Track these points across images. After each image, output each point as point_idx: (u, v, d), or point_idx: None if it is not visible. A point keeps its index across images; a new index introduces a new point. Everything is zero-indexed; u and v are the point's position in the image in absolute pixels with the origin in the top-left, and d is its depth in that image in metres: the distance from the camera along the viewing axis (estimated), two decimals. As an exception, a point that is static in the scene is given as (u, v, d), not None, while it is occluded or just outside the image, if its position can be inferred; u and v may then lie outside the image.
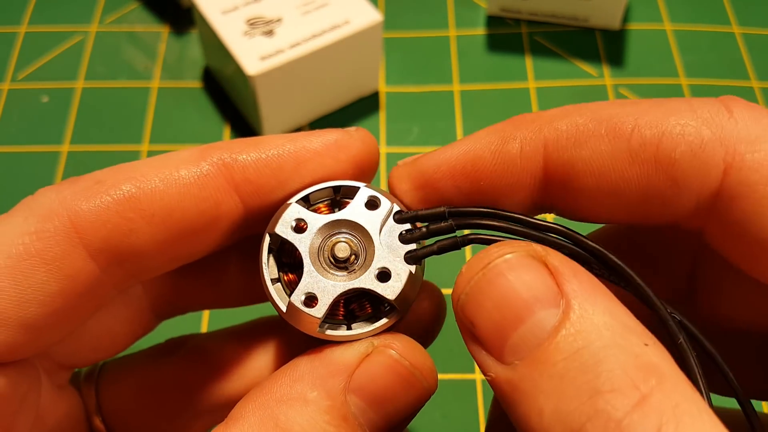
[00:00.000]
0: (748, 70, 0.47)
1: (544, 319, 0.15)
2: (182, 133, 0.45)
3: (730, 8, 0.50)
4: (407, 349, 0.18)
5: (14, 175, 0.43)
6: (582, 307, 0.15)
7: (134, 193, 0.18)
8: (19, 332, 0.17)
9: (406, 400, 0.18)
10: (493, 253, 0.16)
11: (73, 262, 0.17)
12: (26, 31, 0.49)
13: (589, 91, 0.46)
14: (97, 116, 0.45)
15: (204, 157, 0.19)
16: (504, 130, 0.19)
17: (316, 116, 0.45)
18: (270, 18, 0.41)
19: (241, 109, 0.44)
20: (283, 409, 0.17)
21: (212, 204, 0.18)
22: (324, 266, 0.19)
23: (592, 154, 0.17)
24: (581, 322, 0.15)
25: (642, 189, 0.17)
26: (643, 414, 0.13)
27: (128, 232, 0.18)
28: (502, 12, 0.50)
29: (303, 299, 0.18)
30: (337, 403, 0.17)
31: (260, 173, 0.19)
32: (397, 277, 0.18)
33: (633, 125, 0.17)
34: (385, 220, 0.19)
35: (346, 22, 0.41)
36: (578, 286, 0.15)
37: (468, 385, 0.36)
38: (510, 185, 0.18)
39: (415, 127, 0.45)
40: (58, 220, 0.17)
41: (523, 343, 0.15)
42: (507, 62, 0.48)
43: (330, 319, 0.19)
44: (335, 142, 0.19)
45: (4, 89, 0.46)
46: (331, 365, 0.17)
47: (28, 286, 0.17)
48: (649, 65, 0.48)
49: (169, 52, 0.48)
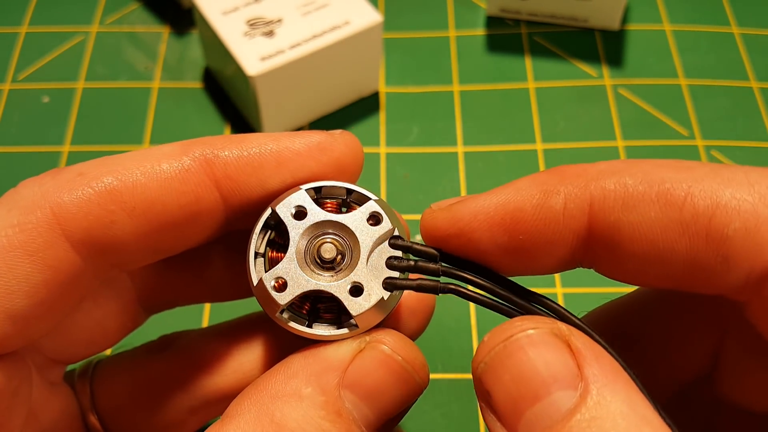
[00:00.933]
0: (747, 70, 0.48)
1: (560, 400, 0.15)
2: (183, 134, 0.45)
3: (729, 9, 0.51)
4: (399, 345, 0.18)
5: (15, 175, 0.43)
6: (600, 392, 0.15)
7: (116, 186, 0.18)
8: (6, 324, 0.17)
9: (399, 395, 0.18)
10: (516, 326, 0.16)
11: (56, 253, 0.17)
12: (27, 31, 0.49)
13: (588, 92, 0.47)
14: (97, 116, 0.45)
15: (186, 151, 0.19)
16: (547, 182, 0.18)
17: (316, 116, 0.45)
18: (270, 19, 0.42)
19: (242, 110, 0.45)
20: (278, 405, 0.17)
21: (192, 198, 0.19)
22: (307, 260, 0.19)
23: (640, 220, 0.16)
24: (597, 408, 0.14)
25: (690, 260, 0.16)
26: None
27: (109, 224, 0.18)
28: (502, 12, 0.50)
29: (274, 282, 0.18)
30: (331, 399, 0.17)
31: (241, 170, 0.19)
32: (367, 297, 0.18)
33: (686, 193, 0.16)
34: (381, 240, 0.19)
35: (346, 22, 0.41)
36: (599, 370, 0.15)
37: (468, 385, 0.36)
38: (550, 242, 0.18)
39: (415, 128, 0.45)
40: (41, 212, 0.17)
41: (537, 422, 0.15)
42: (507, 63, 0.48)
43: (294, 310, 0.19)
44: (317, 144, 0.19)
45: (5, 89, 0.46)
46: (324, 361, 0.18)
47: (13, 277, 0.17)
48: (649, 66, 0.48)
49: (170, 53, 0.48)
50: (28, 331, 0.18)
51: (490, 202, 0.18)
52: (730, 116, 0.45)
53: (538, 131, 0.45)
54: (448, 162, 0.44)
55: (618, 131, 0.45)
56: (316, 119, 0.45)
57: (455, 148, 0.44)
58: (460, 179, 0.43)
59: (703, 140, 0.44)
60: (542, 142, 0.44)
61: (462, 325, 0.38)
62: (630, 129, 0.45)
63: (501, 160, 0.44)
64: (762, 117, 0.45)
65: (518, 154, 0.44)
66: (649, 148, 0.44)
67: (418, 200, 0.42)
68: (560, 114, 0.46)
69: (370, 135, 0.45)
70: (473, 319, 0.38)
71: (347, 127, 0.45)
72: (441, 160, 0.44)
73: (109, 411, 0.23)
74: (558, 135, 0.45)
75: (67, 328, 0.21)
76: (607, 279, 0.19)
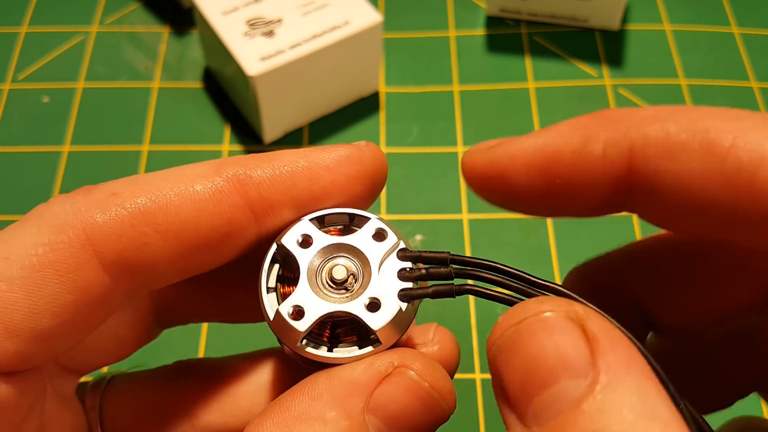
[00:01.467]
0: (747, 70, 0.48)
1: (568, 389, 0.14)
2: (183, 134, 0.45)
3: (729, 9, 0.51)
4: (427, 370, 0.18)
5: (15, 175, 0.43)
6: (610, 383, 0.14)
7: (149, 207, 0.18)
8: (31, 343, 0.17)
9: (424, 422, 0.18)
10: (530, 308, 0.16)
11: (86, 274, 0.17)
12: (27, 31, 0.49)
13: (588, 92, 0.47)
14: (97, 116, 0.45)
15: (219, 172, 0.18)
16: (587, 127, 0.17)
17: (316, 116, 0.45)
18: (270, 19, 0.42)
19: (242, 110, 0.45)
20: (301, 428, 0.16)
21: (226, 220, 0.18)
22: (320, 285, 0.19)
23: (681, 169, 0.16)
24: (604, 400, 0.14)
25: (732, 213, 0.16)
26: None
27: (142, 246, 0.17)
28: (502, 12, 0.50)
29: (291, 311, 0.18)
30: (355, 424, 0.17)
31: (274, 190, 0.19)
32: (386, 310, 0.18)
33: (730, 144, 0.15)
34: (388, 254, 0.19)
35: (346, 22, 0.41)
36: (613, 358, 0.14)
37: (468, 385, 0.36)
38: (588, 187, 0.18)
39: (415, 127, 0.45)
40: (73, 232, 0.17)
41: (544, 409, 0.15)
42: (507, 62, 0.48)
43: (313, 337, 0.19)
44: (347, 158, 0.19)
45: (5, 89, 0.46)
46: (350, 385, 0.17)
47: (41, 297, 0.16)
48: (649, 65, 0.48)
49: (170, 53, 0.48)
50: (52, 349, 0.17)
51: (528, 145, 0.18)
52: (730, 116, 0.45)
53: (538, 131, 0.45)
54: (448, 162, 0.44)
55: (618, 131, 0.45)
56: (316, 119, 0.45)
57: (455, 148, 0.44)
58: (460, 179, 0.43)
59: (703, 140, 0.44)
60: (542, 142, 0.44)
61: (462, 325, 0.38)
62: (630, 129, 0.45)
63: (501, 160, 0.44)
64: (762, 117, 0.45)
65: (518, 154, 0.44)
66: (649, 148, 0.44)
67: (418, 200, 0.42)
68: (560, 114, 0.46)
69: (370, 135, 0.45)
70: (473, 319, 0.38)
71: (347, 128, 0.45)
72: (441, 160, 0.44)
73: (116, 430, 0.23)
74: (558, 135, 0.45)
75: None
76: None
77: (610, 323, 0.15)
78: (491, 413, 0.35)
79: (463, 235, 0.41)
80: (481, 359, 0.37)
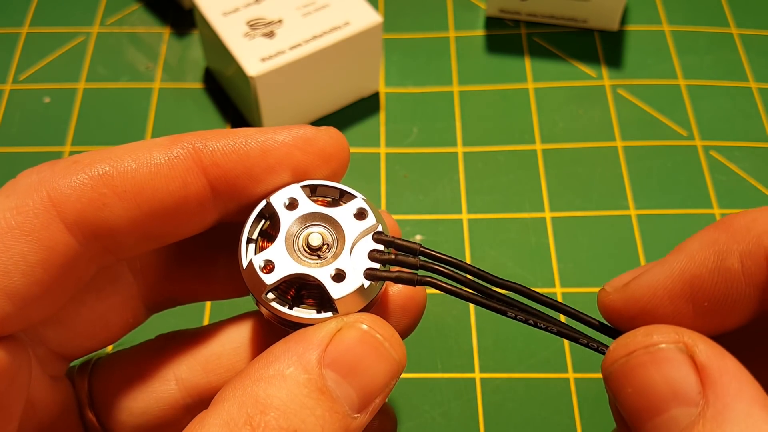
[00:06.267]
0: (746, 71, 0.48)
1: (679, 416, 0.15)
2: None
3: (728, 9, 0.51)
4: (376, 324, 0.19)
5: (15, 175, 0.43)
6: (720, 411, 0.15)
7: (108, 171, 0.19)
8: (5, 302, 0.17)
9: (379, 371, 0.19)
10: (639, 341, 0.16)
11: (51, 234, 0.18)
12: (28, 32, 0.49)
13: (587, 92, 0.47)
14: (98, 117, 0.46)
15: (176, 142, 0.20)
16: (718, 242, 0.18)
17: (317, 117, 0.45)
18: (270, 19, 0.42)
19: (242, 110, 0.45)
20: (262, 387, 0.17)
21: (181, 184, 0.19)
22: (295, 247, 0.20)
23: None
24: (714, 428, 0.14)
25: None
26: None
27: (102, 207, 0.19)
28: (501, 13, 0.50)
29: (262, 264, 0.19)
30: (313, 376, 0.17)
31: (227, 158, 0.20)
32: (349, 283, 0.19)
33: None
34: (365, 234, 0.20)
35: (346, 23, 0.41)
36: (721, 386, 0.15)
37: (468, 385, 0.36)
38: (736, 301, 0.18)
39: (415, 128, 0.45)
40: (37, 195, 0.18)
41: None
42: (506, 63, 0.48)
43: (279, 293, 0.20)
44: (302, 135, 0.20)
45: (6, 90, 0.46)
46: (304, 341, 0.18)
47: (9, 257, 0.17)
48: (648, 66, 0.48)
49: (171, 54, 0.48)
50: (27, 311, 0.18)
51: (665, 275, 0.18)
52: (729, 117, 0.46)
53: (537, 131, 0.45)
54: (448, 162, 0.44)
55: (617, 132, 0.45)
56: (316, 119, 0.45)
57: (455, 148, 0.44)
58: (459, 179, 0.43)
59: (702, 141, 0.44)
60: (542, 142, 0.44)
61: (462, 325, 0.38)
62: (629, 129, 0.45)
63: (501, 160, 0.44)
64: (761, 117, 0.46)
65: (518, 154, 0.44)
66: (648, 149, 0.44)
67: (418, 200, 0.42)
68: (559, 114, 0.46)
69: (370, 135, 0.45)
70: (473, 318, 0.38)
71: (347, 128, 0.45)
72: (441, 160, 0.44)
73: (106, 407, 0.23)
74: (557, 135, 0.45)
75: (70, 320, 0.21)
76: (603, 279, 0.19)
77: (718, 350, 0.16)
78: (491, 413, 0.35)
79: (463, 235, 0.41)
80: (480, 359, 0.37)
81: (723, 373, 0.15)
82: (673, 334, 0.16)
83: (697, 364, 0.16)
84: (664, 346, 0.16)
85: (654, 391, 0.16)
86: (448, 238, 0.41)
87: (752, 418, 0.14)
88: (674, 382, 0.15)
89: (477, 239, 0.41)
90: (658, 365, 0.16)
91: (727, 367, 0.16)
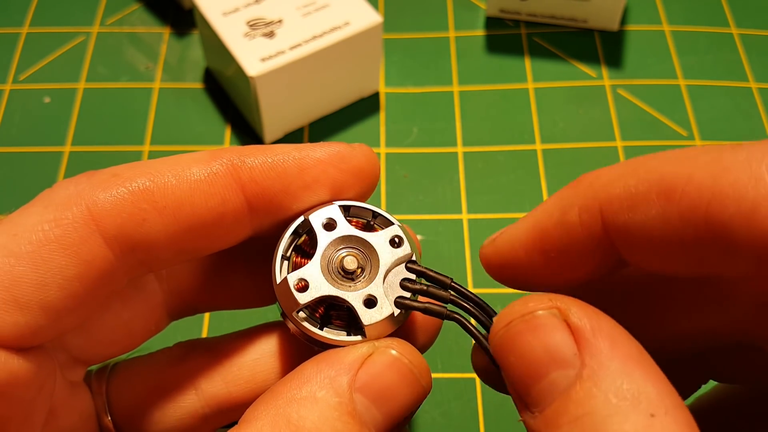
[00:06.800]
0: (746, 71, 0.48)
1: (558, 379, 0.15)
2: (184, 134, 0.45)
3: (728, 9, 0.51)
4: (406, 350, 0.19)
5: (16, 175, 0.43)
6: (596, 370, 0.15)
7: (148, 186, 0.19)
8: (40, 315, 0.17)
9: (406, 398, 0.19)
10: (515, 310, 0.17)
11: (90, 248, 0.18)
12: (28, 32, 0.49)
13: (587, 92, 0.47)
14: (98, 117, 0.46)
15: (215, 158, 0.20)
16: (564, 197, 0.19)
17: (317, 117, 0.45)
18: (270, 19, 0.42)
19: (242, 110, 0.45)
20: (294, 408, 0.17)
21: (219, 200, 0.19)
22: (329, 268, 0.20)
23: (644, 218, 0.17)
24: (591, 386, 0.15)
25: (698, 250, 0.16)
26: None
27: (141, 222, 0.19)
28: (501, 13, 0.50)
29: (297, 282, 0.20)
30: (344, 400, 0.18)
31: (265, 175, 0.20)
32: (379, 310, 0.20)
33: (683, 187, 0.16)
34: (399, 262, 0.20)
35: (346, 23, 0.41)
36: (596, 346, 0.15)
37: (468, 385, 0.36)
38: (578, 253, 0.19)
39: (415, 128, 0.45)
40: (76, 209, 0.18)
41: (540, 399, 0.16)
42: (506, 63, 0.48)
43: (309, 313, 0.20)
44: (338, 153, 0.20)
45: (6, 90, 0.46)
46: (336, 365, 0.18)
47: (48, 270, 0.17)
48: (648, 66, 0.48)
49: (171, 54, 0.48)
50: (60, 323, 0.18)
51: (522, 230, 0.19)
52: (729, 116, 0.46)
53: (537, 131, 0.45)
54: (448, 162, 0.44)
55: (617, 131, 0.45)
56: (316, 120, 0.45)
57: (455, 148, 0.44)
58: (459, 179, 0.43)
59: (701, 140, 0.44)
60: (542, 142, 0.44)
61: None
62: (629, 129, 0.45)
63: (501, 160, 0.44)
64: (761, 117, 0.46)
65: (518, 154, 0.44)
66: (648, 149, 0.44)
67: (417, 200, 0.42)
68: (559, 114, 0.46)
69: (370, 135, 0.45)
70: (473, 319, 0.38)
71: (347, 128, 0.45)
72: (441, 160, 0.44)
73: (123, 413, 0.23)
74: (557, 135, 0.45)
75: (94, 327, 0.21)
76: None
77: (592, 311, 0.16)
78: (491, 412, 0.35)
79: (463, 235, 0.41)
80: (480, 359, 0.37)
81: (597, 333, 0.16)
82: (546, 300, 0.17)
83: (571, 326, 0.16)
84: (540, 312, 0.16)
85: (533, 358, 0.16)
86: (448, 238, 0.41)
87: (627, 375, 0.15)
88: (551, 347, 0.16)
89: (477, 239, 0.41)
90: (534, 332, 0.16)
91: (600, 327, 0.16)
